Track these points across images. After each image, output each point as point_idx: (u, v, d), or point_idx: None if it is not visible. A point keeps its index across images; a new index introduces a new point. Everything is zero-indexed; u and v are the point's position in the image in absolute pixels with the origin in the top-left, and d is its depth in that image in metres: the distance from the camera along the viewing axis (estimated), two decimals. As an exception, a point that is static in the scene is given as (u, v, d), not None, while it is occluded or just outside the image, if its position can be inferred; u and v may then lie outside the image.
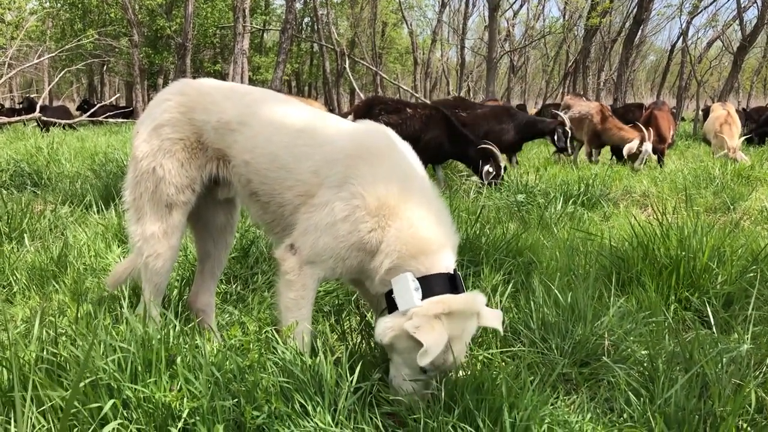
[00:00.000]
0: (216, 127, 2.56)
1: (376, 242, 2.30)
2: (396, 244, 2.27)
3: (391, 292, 2.29)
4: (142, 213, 2.60)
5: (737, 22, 26.41)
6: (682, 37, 34.00)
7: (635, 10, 23.07)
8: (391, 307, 2.29)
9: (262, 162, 2.50)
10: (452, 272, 2.30)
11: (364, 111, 8.39)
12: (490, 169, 7.89)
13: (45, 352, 2.17)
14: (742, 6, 25.84)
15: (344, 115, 8.20)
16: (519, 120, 9.88)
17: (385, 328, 2.22)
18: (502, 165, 8.05)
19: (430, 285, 2.23)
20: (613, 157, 11.65)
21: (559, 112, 11.25)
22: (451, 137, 8.14)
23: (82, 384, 1.97)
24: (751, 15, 30.22)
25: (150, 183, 2.57)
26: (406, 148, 2.55)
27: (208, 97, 2.62)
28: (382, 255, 2.30)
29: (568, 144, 10.14)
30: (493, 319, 2.30)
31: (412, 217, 2.30)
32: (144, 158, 2.59)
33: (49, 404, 1.98)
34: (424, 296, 2.20)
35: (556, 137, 9.98)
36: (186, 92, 2.65)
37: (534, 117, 10.64)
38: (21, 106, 23.48)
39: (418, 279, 2.23)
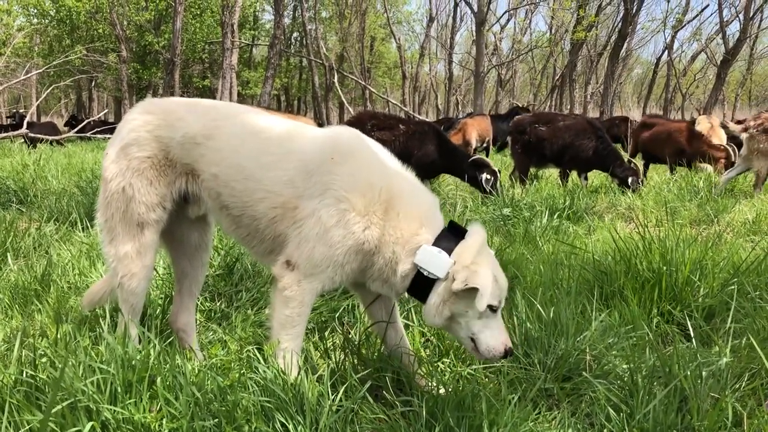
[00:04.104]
0: (182, 142, 2.57)
1: (373, 239, 2.35)
2: (397, 231, 2.37)
3: (414, 286, 2.38)
4: (114, 233, 2.59)
5: (720, 35, 26.78)
6: (666, 51, 34.39)
7: (620, 24, 23.36)
8: (421, 295, 2.38)
9: (230, 174, 2.51)
10: (448, 224, 2.45)
11: (356, 127, 8.42)
12: (488, 176, 8.00)
13: (24, 375, 2.16)
14: (725, 20, 26.23)
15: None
16: (601, 145, 9.20)
17: (436, 306, 2.34)
18: (497, 170, 8.16)
19: (446, 243, 2.36)
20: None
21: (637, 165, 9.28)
22: (442, 152, 8.22)
23: (59, 407, 1.96)
24: (734, 29, 30.67)
25: (120, 203, 2.57)
26: (376, 146, 2.60)
27: (172, 113, 2.62)
28: (389, 247, 2.38)
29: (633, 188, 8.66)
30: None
31: (398, 204, 2.38)
32: (113, 179, 2.58)
33: (27, 428, 1.97)
34: (449, 254, 2.33)
35: (631, 187, 8.66)
36: (151, 111, 2.66)
37: (616, 152, 9.32)
38: (11, 121, 23.37)
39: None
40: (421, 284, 2.36)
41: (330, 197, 2.34)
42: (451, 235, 2.38)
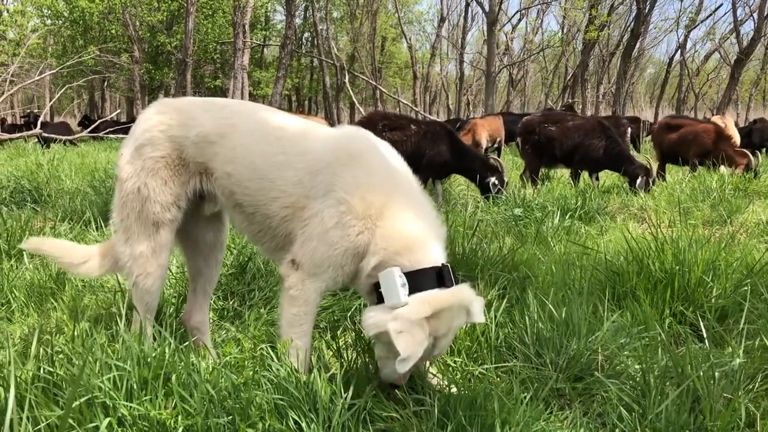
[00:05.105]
0: (196, 141, 2.59)
1: (364, 244, 2.34)
2: (381, 242, 2.31)
3: (377, 285, 2.30)
4: (130, 233, 2.62)
5: (734, 35, 26.56)
6: (679, 50, 34.17)
7: (633, 23, 23.23)
8: (379, 298, 2.30)
9: (243, 173, 2.53)
10: (441, 265, 2.30)
11: (368, 127, 8.45)
12: (496, 181, 8.00)
13: (41, 371, 2.19)
14: (739, 19, 26.02)
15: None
16: (611, 144, 9.17)
17: (371, 323, 2.24)
18: (505, 179, 8.16)
19: (417, 281, 2.23)
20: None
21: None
22: (454, 153, 8.23)
23: (77, 403, 1.99)
24: (748, 28, 30.41)
25: (136, 203, 2.59)
26: (386, 149, 2.59)
27: (185, 113, 2.64)
28: (369, 255, 2.33)
29: (642, 192, 8.52)
30: (479, 313, 2.33)
31: (396, 214, 2.34)
32: (128, 179, 2.61)
33: (45, 423, 2.00)
34: (411, 292, 2.22)
35: (637, 183, 8.67)
36: (164, 111, 2.68)
37: (626, 151, 9.37)
38: (25, 121, 23.58)
39: (405, 274, 2.25)
40: (377, 293, 2.31)
41: (332, 198, 2.36)
42: (433, 279, 2.26)
